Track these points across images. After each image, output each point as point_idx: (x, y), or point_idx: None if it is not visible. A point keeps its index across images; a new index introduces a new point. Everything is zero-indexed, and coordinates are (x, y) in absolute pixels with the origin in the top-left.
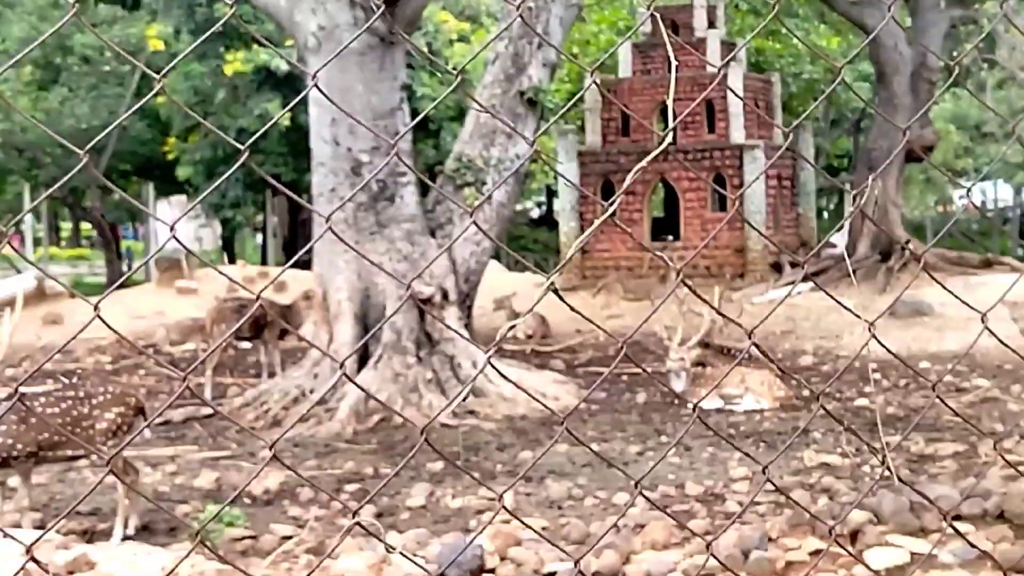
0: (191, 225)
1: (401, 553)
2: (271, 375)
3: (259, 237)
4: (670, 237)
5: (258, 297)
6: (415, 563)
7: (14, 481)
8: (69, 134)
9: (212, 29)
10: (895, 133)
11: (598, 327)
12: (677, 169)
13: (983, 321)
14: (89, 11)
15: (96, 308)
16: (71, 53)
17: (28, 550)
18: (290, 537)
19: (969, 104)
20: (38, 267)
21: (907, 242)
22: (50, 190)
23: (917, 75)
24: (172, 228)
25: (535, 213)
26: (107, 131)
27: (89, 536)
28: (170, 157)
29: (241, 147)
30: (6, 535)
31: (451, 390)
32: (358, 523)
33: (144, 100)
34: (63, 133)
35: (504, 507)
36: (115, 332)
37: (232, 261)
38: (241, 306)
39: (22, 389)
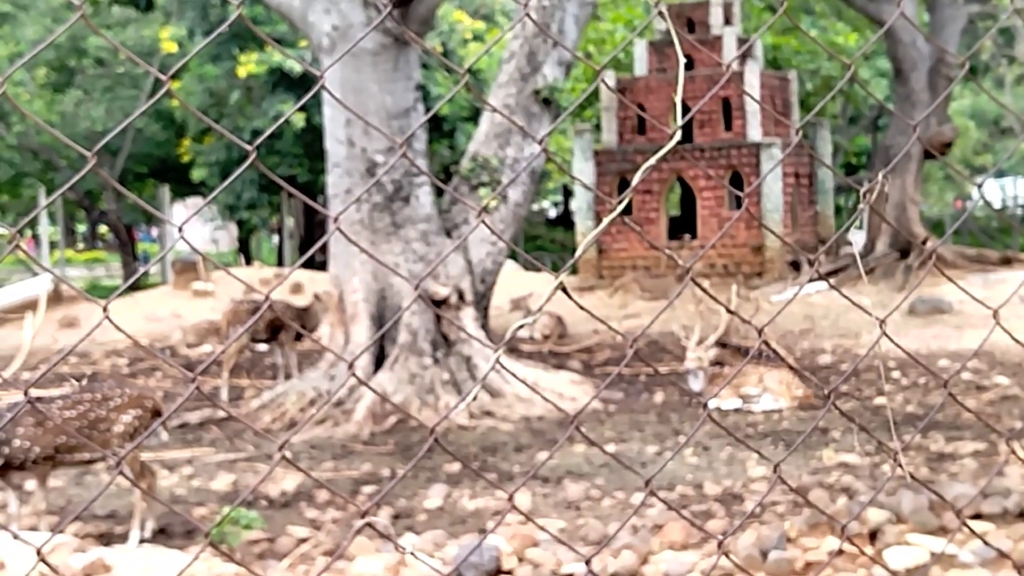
0: (207, 227)
1: (412, 553)
2: (288, 377)
3: (276, 239)
4: (687, 236)
5: (267, 297)
6: (428, 565)
7: (31, 485)
8: (84, 136)
9: (218, 31)
10: (918, 132)
11: (608, 326)
12: (694, 167)
13: (995, 317)
14: (103, 13)
15: (105, 309)
16: (86, 55)
17: (38, 552)
18: (307, 539)
19: (989, 99)
20: (49, 270)
21: (926, 239)
22: (58, 192)
23: (935, 71)
24: (180, 230)
25: (552, 213)
26: (114, 132)
27: (106, 539)
28: (185, 159)
29: (250, 148)
30: (16, 537)
31: (468, 391)
32: (368, 523)
33: (151, 102)
34: (78, 135)
35: (515, 507)
36: (123, 332)
37: (249, 263)
38: (257, 308)
39: (35, 392)
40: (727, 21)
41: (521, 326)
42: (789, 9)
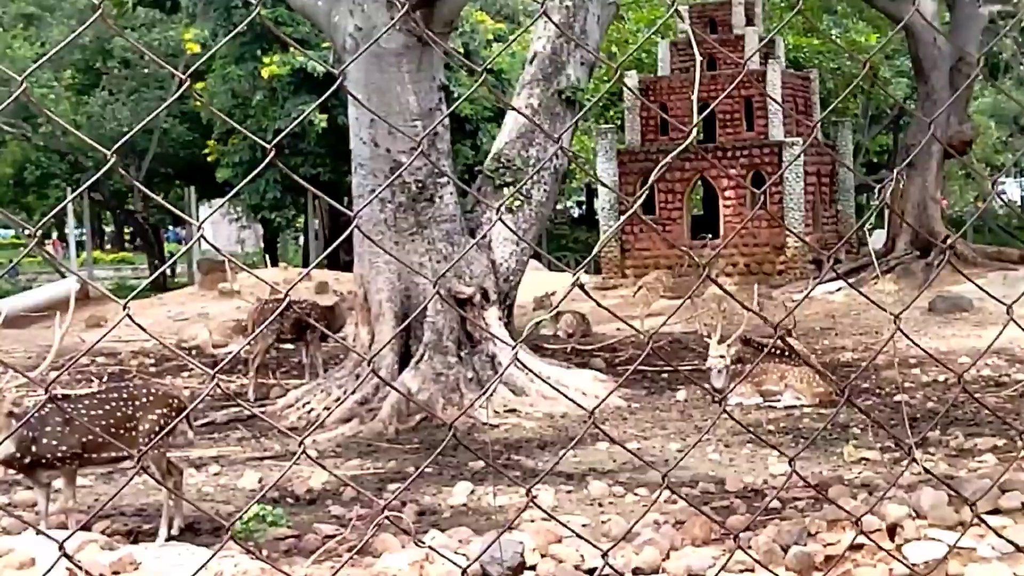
0: (233, 228)
1: (430, 547)
2: (314, 376)
3: (302, 239)
4: (709, 235)
5: (287, 296)
6: (452, 561)
7: (59, 483)
8: (110, 138)
9: (235, 31)
10: (933, 129)
11: (628, 324)
12: (716, 167)
13: (1008, 312)
14: (128, 14)
15: (125, 308)
16: (111, 57)
17: (61, 547)
18: (333, 536)
19: (1009, 98)
20: (73, 272)
21: (946, 238)
22: (78, 190)
23: (956, 71)
24: (199, 228)
25: (576, 212)
26: (134, 131)
27: (134, 536)
28: (210, 160)
29: (274, 149)
30: (39, 533)
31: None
32: (388, 518)
33: (170, 101)
34: (105, 137)
35: (535, 503)
36: (144, 330)
37: (275, 263)
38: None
39: (62, 391)
40: (749, 21)
41: (539, 323)
42: (810, 9)
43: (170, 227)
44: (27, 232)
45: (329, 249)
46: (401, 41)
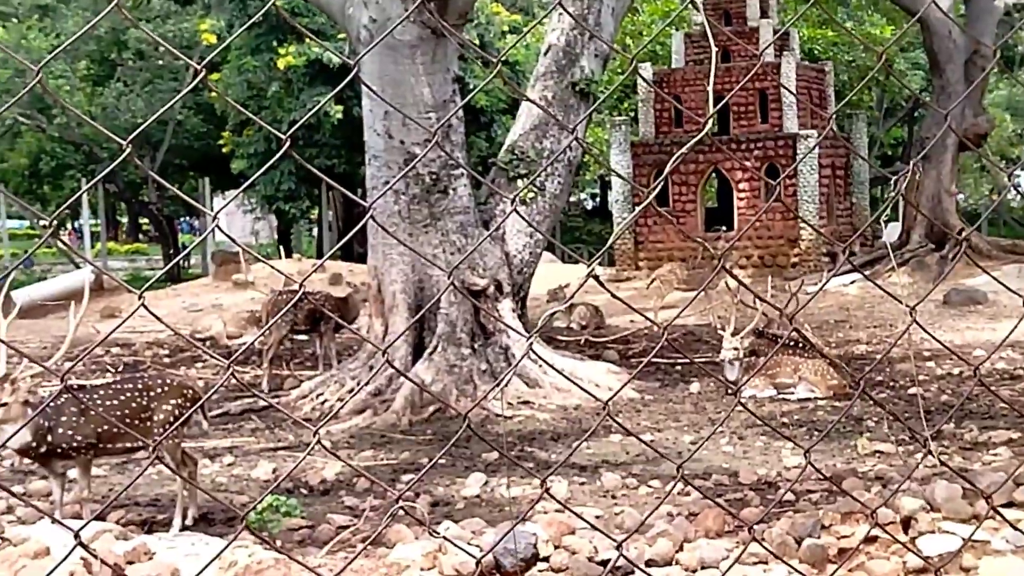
0: (247, 219)
1: (445, 537)
2: (327, 367)
3: (316, 230)
4: (724, 228)
5: (301, 286)
6: (466, 552)
7: (74, 473)
8: (125, 129)
9: (250, 21)
10: (948, 121)
11: (643, 315)
12: (730, 159)
13: None
14: (143, 6)
15: (140, 297)
16: (126, 48)
17: (76, 535)
18: (346, 527)
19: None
20: (89, 260)
21: (961, 230)
22: (94, 180)
23: (971, 63)
24: (215, 218)
25: (589, 204)
26: (149, 122)
27: (148, 526)
28: (225, 151)
29: (289, 140)
30: (54, 522)
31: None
32: (403, 508)
33: (185, 91)
34: (119, 128)
35: (549, 494)
36: (159, 319)
37: (289, 255)
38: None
39: (77, 381)
40: (764, 13)
41: (553, 314)
42: (825, 1)
43: (183, 218)
44: (42, 223)
45: (343, 241)
46: (416, 33)
